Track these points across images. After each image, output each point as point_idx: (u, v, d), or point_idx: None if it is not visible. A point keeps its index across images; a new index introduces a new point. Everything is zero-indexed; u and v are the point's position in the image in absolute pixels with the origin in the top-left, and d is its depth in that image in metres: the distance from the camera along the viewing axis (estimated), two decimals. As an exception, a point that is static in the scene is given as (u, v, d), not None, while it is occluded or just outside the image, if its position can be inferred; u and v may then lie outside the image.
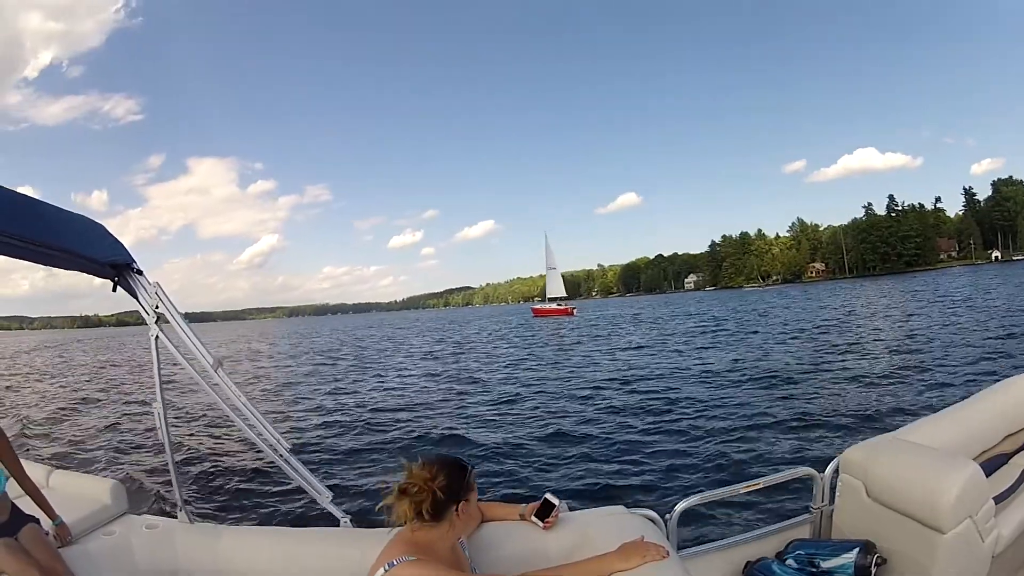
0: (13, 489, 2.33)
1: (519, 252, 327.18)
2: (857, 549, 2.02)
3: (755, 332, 20.87)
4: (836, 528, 2.26)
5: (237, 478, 6.34)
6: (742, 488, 2.19)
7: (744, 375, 11.01)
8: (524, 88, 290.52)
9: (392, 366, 18.66)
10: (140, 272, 2.23)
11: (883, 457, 2.06)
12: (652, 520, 1.93)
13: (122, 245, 2.20)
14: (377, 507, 1.63)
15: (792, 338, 17.68)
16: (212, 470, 6.73)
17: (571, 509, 1.98)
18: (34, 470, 2.86)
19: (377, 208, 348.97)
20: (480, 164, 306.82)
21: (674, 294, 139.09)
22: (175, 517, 2.51)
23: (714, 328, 24.89)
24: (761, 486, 2.21)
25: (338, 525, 2.28)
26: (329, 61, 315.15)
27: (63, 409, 12.74)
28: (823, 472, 2.25)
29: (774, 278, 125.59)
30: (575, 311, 53.48)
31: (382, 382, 14.38)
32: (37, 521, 2.27)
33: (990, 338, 13.33)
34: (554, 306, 55.99)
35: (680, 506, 2.07)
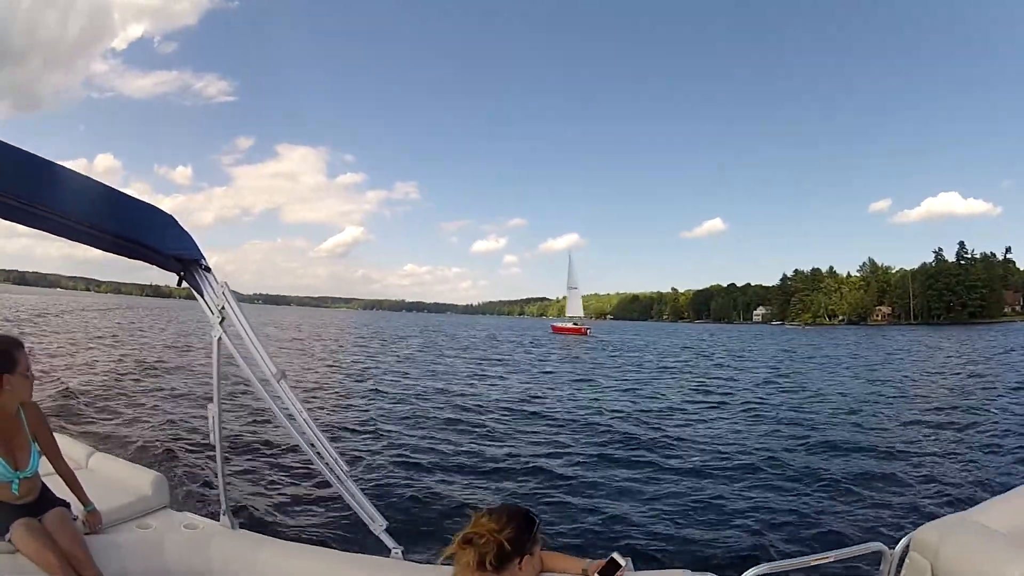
0: (46, 468, 2.26)
1: (600, 268, 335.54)
2: None
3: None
4: None
5: (287, 491, 6.15)
6: (812, 560, 2.05)
7: (808, 430, 10.43)
8: (620, 105, 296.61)
9: (457, 380, 17.68)
10: (208, 269, 2.20)
11: (952, 540, 1.98)
12: None
13: (192, 239, 2.16)
14: (441, 558, 1.66)
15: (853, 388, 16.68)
16: (262, 479, 6.55)
17: (636, 568, 1.92)
18: (74, 449, 2.88)
19: (464, 211, 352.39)
20: (571, 178, 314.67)
21: (741, 325, 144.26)
22: (217, 520, 2.46)
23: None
24: (832, 560, 2.04)
25: (388, 555, 2.20)
26: (429, 59, 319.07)
27: (113, 386, 12.55)
28: (893, 548, 2.12)
29: (840, 318, 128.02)
30: (589, 331, 59.17)
31: (447, 397, 13.91)
32: (67, 505, 2.22)
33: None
34: (571, 325, 61.43)
35: (746, 575, 1.94)
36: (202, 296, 2.21)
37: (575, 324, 61.92)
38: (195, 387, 13.17)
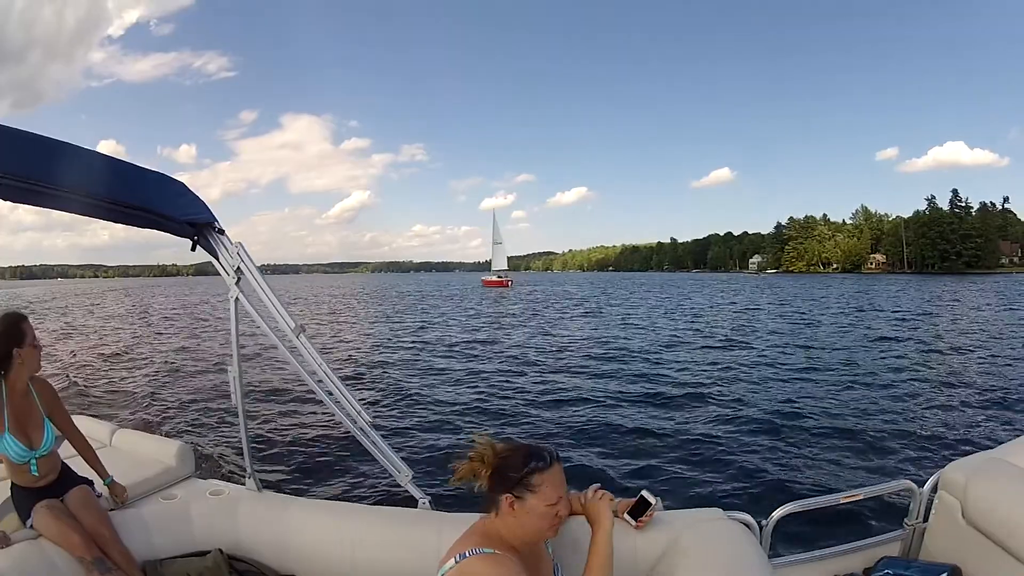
0: (67, 450, 2.23)
1: (608, 220, 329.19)
2: (945, 574, 1.92)
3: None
4: (925, 548, 2.13)
5: (312, 450, 6.04)
6: (842, 498, 2.07)
7: (833, 372, 10.31)
8: (626, 57, 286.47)
9: (488, 335, 17.63)
10: (222, 231, 2.15)
11: (981, 479, 1.94)
12: (747, 525, 1.84)
13: (203, 203, 2.12)
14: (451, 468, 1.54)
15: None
16: (286, 440, 6.40)
17: (666, 508, 1.86)
18: (96, 428, 2.87)
19: (473, 169, 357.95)
20: (578, 131, 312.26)
21: (734, 273, 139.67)
22: (243, 484, 2.43)
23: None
24: (861, 497, 2.07)
25: (416, 506, 2.19)
26: (429, 22, 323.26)
27: (130, 363, 12.41)
28: (922, 487, 2.12)
29: (834, 266, 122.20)
30: (511, 283, 65.16)
31: (475, 352, 13.83)
32: (90, 483, 2.18)
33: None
34: (495, 278, 67.42)
35: (778, 513, 1.96)
36: (217, 259, 2.14)
37: (499, 277, 67.81)
38: (213, 354, 13.53)
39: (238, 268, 2.13)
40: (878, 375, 10.09)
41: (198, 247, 2.17)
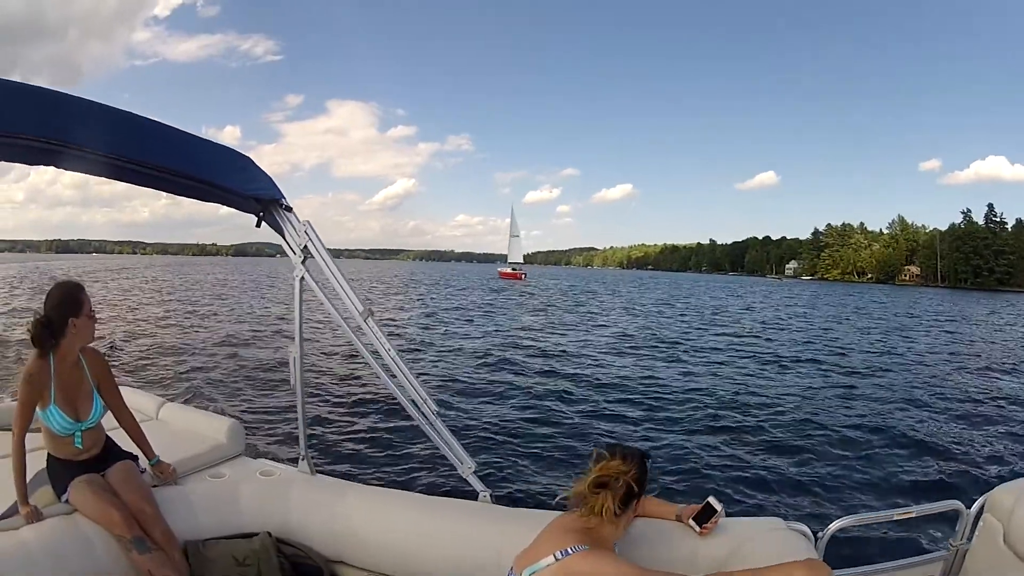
0: (110, 422, 2.16)
1: (652, 218, 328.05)
2: None
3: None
4: (965, 571, 2.11)
5: (369, 434, 5.96)
6: (895, 515, 2.05)
7: (893, 387, 10.04)
8: (677, 54, 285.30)
9: (550, 326, 17.22)
10: (289, 208, 2.13)
11: None
12: (805, 536, 1.85)
13: (270, 179, 2.10)
14: (556, 499, 1.53)
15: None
16: (342, 423, 6.31)
17: (727, 515, 1.87)
18: (143, 401, 2.78)
19: (518, 162, 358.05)
20: (625, 127, 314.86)
21: (769, 278, 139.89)
22: (295, 466, 2.38)
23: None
24: (914, 515, 2.04)
25: (476, 499, 2.14)
26: (482, 12, 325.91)
27: (181, 335, 12.14)
28: (970, 508, 2.07)
29: (868, 276, 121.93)
30: (525, 276, 67.02)
31: (540, 345, 13.55)
32: (134, 458, 2.13)
33: None
34: (510, 270, 69.22)
35: (834, 525, 1.95)
36: (283, 235, 2.16)
37: (513, 270, 69.17)
38: (271, 331, 13.58)
39: (304, 247, 2.10)
40: (936, 391, 9.94)
41: (263, 224, 2.15)
